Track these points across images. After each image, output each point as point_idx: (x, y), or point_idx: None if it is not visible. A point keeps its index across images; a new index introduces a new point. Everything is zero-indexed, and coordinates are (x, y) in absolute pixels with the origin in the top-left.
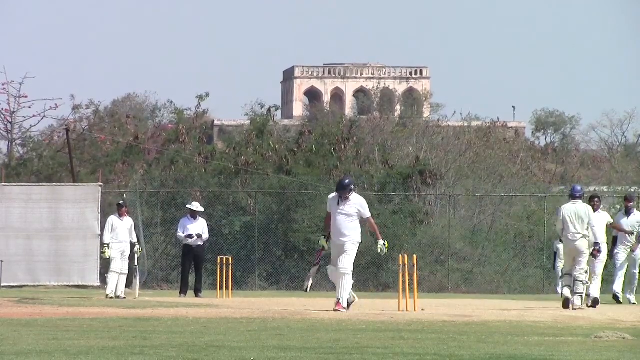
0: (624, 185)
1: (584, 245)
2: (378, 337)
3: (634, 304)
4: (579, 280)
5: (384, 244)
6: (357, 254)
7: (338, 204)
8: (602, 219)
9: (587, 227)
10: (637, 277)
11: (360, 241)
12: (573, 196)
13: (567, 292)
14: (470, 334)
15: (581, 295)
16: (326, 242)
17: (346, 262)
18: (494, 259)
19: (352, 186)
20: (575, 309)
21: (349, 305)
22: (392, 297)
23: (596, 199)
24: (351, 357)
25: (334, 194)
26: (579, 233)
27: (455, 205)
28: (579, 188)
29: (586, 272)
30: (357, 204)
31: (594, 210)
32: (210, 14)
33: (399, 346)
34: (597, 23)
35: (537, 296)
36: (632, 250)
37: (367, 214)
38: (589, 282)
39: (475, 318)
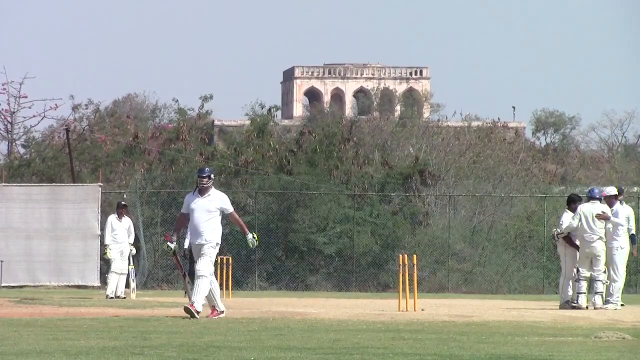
0: (624, 185)
1: (600, 247)
2: (378, 337)
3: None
4: (598, 280)
5: (253, 237)
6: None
7: (196, 201)
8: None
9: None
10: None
11: (219, 243)
12: (591, 198)
13: (583, 300)
14: (470, 334)
15: (601, 295)
16: (176, 246)
17: (204, 265)
18: (494, 259)
19: (212, 176)
20: (596, 309)
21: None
22: (392, 297)
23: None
24: (351, 357)
25: (190, 193)
26: (595, 234)
27: (455, 206)
28: (597, 190)
29: (604, 271)
30: (217, 198)
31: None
32: (210, 14)
33: (399, 346)
34: (597, 23)
35: (537, 296)
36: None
37: (230, 208)
38: (608, 282)
39: (475, 318)
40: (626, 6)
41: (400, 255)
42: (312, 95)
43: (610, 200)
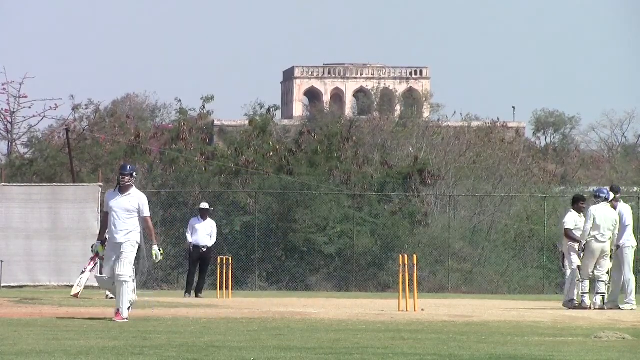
0: (624, 185)
1: (608, 247)
2: (378, 337)
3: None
4: (601, 281)
5: (158, 250)
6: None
7: (116, 199)
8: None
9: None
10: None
11: (138, 242)
12: (601, 198)
13: (587, 300)
14: (470, 334)
15: (603, 295)
16: (103, 247)
17: (125, 269)
18: (494, 259)
19: (134, 174)
20: (596, 309)
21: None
22: (392, 297)
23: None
24: (351, 357)
25: (111, 190)
26: (607, 235)
27: (455, 206)
28: (605, 190)
29: (607, 272)
30: (137, 198)
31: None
32: (211, 14)
33: (399, 346)
34: (597, 23)
35: (537, 296)
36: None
37: (146, 212)
38: (609, 283)
39: (475, 318)
40: (626, 6)
41: (400, 256)
42: (312, 95)
43: (612, 201)
